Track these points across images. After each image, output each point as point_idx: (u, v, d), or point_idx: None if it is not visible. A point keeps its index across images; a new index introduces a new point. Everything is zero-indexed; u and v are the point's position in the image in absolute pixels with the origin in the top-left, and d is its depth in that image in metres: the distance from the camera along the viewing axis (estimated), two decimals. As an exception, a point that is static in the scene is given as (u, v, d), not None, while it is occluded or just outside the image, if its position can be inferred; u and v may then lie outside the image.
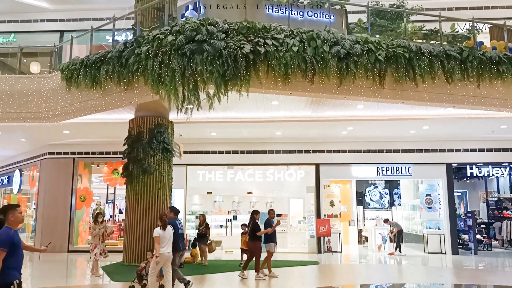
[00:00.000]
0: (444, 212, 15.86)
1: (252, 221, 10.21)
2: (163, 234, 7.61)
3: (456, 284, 10.22)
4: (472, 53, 10.07)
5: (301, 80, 9.31)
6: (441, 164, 15.89)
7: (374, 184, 21.55)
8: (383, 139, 15.67)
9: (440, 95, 10.27)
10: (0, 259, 4.41)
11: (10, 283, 4.48)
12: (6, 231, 4.57)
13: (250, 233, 10.16)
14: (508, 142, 15.50)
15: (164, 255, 7.54)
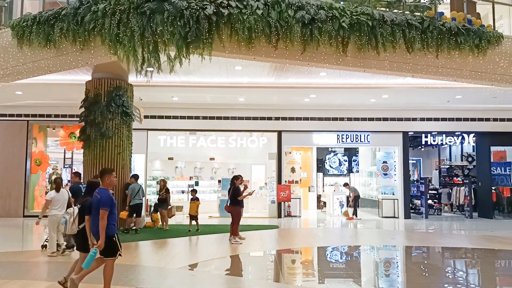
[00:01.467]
0: (399, 179, 16.53)
1: (232, 186, 10.41)
2: (57, 197, 8.17)
3: (407, 245, 10.78)
4: (432, 23, 10.22)
5: (265, 45, 9.17)
6: (398, 132, 16.43)
7: (334, 152, 22.08)
8: (344, 107, 15.94)
9: (400, 64, 10.44)
10: (105, 217, 5.08)
11: (112, 236, 5.19)
12: (106, 193, 5.21)
13: (231, 197, 10.35)
14: (461, 111, 16.17)
15: (57, 216, 7.94)
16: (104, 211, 5.10)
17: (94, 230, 5.28)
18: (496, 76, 11.39)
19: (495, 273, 8.32)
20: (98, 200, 5.19)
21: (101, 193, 5.23)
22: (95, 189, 5.45)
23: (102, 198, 5.17)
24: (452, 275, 7.99)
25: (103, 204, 5.12)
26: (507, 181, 16.56)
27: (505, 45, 11.43)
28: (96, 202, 5.23)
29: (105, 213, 5.10)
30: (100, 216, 5.09)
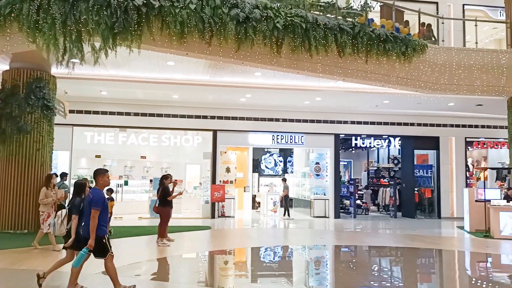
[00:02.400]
0: (330, 179, 16.98)
1: (161, 186, 10.00)
2: None
3: (336, 245, 11.04)
4: (363, 29, 10.55)
5: (198, 41, 8.93)
6: (330, 134, 16.88)
7: (270, 152, 22.26)
8: (279, 108, 16.07)
9: (332, 67, 10.67)
10: (96, 217, 5.11)
11: (102, 236, 5.23)
12: (99, 193, 5.25)
13: (160, 197, 9.90)
14: (388, 116, 16.95)
15: None
16: (96, 211, 5.15)
17: (86, 230, 5.30)
18: (420, 83, 12.01)
19: (416, 270, 8.72)
20: (91, 199, 5.23)
21: (93, 193, 5.28)
22: (82, 190, 5.86)
23: (94, 198, 5.21)
24: (377, 272, 8.25)
25: (95, 204, 5.16)
26: (429, 183, 17.61)
27: (428, 54, 12.10)
28: (88, 202, 5.28)
29: (96, 213, 5.15)
30: (92, 215, 5.14)
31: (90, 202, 5.22)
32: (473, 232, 12.83)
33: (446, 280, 7.96)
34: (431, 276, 8.35)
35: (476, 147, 18.39)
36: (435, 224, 15.44)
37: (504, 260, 9.82)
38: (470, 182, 17.73)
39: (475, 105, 14.45)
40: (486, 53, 12.92)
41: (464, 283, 7.67)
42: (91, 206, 5.18)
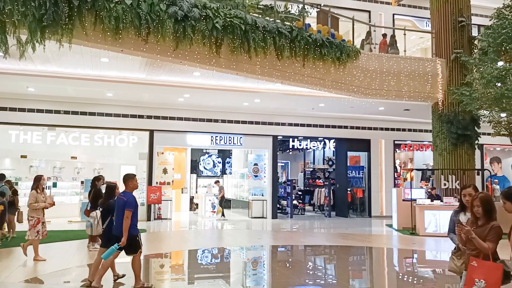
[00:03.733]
0: (268, 180, 17.20)
1: (93, 188, 9.48)
2: None
3: (273, 245, 11.18)
4: (300, 34, 10.81)
5: (134, 38, 8.65)
6: (269, 136, 17.09)
7: (209, 153, 22.10)
8: (218, 109, 16.00)
9: (271, 70, 10.82)
10: (129, 217, 5.65)
11: (135, 235, 5.85)
12: (131, 196, 5.82)
13: (92, 200, 9.37)
14: (324, 119, 17.50)
15: None
16: (129, 211, 5.68)
17: (118, 229, 5.78)
18: (353, 88, 12.54)
19: (349, 267, 9.06)
20: (124, 202, 5.75)
21: (126, 195, 5.82)
22: (114, 192, 6.48)
23: (128, 200, 5.75)
24: (312, 271, 8.47)
25: (129, 205, 5.70)
26: (360, 183, 18.42)
27: (361, 60, 12.66)
28: (122, 204, 5.77)
29: (129, 214, 5.68)
30: (125, 216, 5.66)
31: (124, 204, 5.74)
32: (400, 230, 13.59)
33: (376, 276, 8.35)
34: (362, 272, 8.72)
35: (404, 149, 19.52)
36: (366, 223, 16.17)
37: (428, 256, 10.49)
38: (398, 183, 18.78)
39: (403, 110, 15.33)
40: (413, 61, 13.78)
41: (392, 279, 8.08)
42: (124, 208, 5.71)
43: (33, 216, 8.05)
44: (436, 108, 14.06)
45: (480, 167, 17.39)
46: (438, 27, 14.07)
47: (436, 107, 14.03)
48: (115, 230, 5.86)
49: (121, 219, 5.72)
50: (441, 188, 13.50)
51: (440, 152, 13.75)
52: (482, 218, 3.76)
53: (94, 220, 6.77)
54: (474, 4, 14.75)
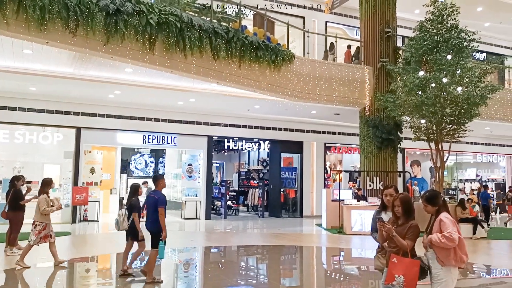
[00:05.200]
0: (202, 181, 17.06)
1: (12, 189, 8.85)
2: None
3: (206, 246, 11.11)
4: (237, 35, 10.86)
5: (61, 30, 8.18)
6: (204, 136, 16.96)
7: (140, 152, 21.46)
8: (151, 107, 15.58)
9: (207, 70, 10.75)
10: (163, 214, 6.31)
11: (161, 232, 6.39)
12: (162, 194, 6.46)
13: (10, 202, 8.65)
14: (259, 120, 17.70)
15: None
16: (162, 208, 6.34)
17: (148, 225, 6.50)
18: (287, 91, 12.83)
19: (280, 266, 9.24)
20: (156, 200, 6.40)
21: (157, 194, 6.50)
22: (137, 191, 7.21)
23: (160, 198, 6.41)
24: (244, 271, 8.52)
25: (161, 203, 6.36)
26: (293, 184, 18.87)
27: (296, 64, 12.99)
28: (153, 202, 6.42)
29: (163, 210, 6.34)
30: (160, 213, 6.32)
31: (156, 202, 6.38)
32: (329, 229, 14.12)
33: (306, 274, 8.60)
34: (293, 271, 8.94)
35: (333, 152, 20.32)
36: (298, 222, 16.60)
37: (354, 254, 11.01)
38: (328, 184, 19.49)
39: (333, 114, 15.96)
40: (343, 68, 14.40)
41: (321, 276, 8.37)
42: (156, 205, 6.35)
43: (42, 222, 7.68)
44: (363, 113, 14.79)
45: (401, 169, 18.56)
46: (366, 37, 14.82)
47: (364, 112, 14.76)
48: (149, 226, 6.54)
49: (152, 216, 6.43)
50: (366, 189, 14.22)
51: (366, 155, 14.49)
52: (402, 217, 4.01)
53: (120, 217, 7.21)
54: (400, 16, 15.72)
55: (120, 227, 7.23)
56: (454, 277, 3.87)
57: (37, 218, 7.68)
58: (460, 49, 12.33)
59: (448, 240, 3.72)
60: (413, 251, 3.90)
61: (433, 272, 3.87)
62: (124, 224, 7.17)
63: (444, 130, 12.66)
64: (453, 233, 3.72)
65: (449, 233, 3.72)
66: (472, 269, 8.68)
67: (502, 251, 11.30)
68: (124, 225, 7.18)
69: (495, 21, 19.87)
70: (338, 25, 18.90)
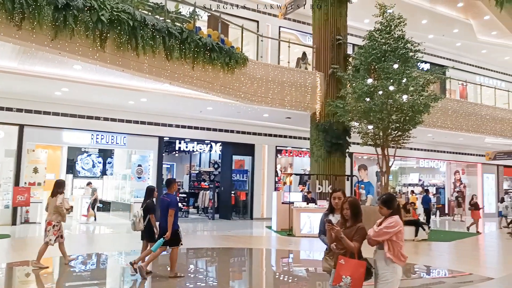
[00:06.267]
0: (152, 182, 16.70)
1: None
2: None
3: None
4: (191, 36, 10.78)
5: (5, 22, 7.77)
6: (155, 137, 16.66)
7: (88, 152, 20.73)
8: (101, 106, 15.10)
9: (159, 69, 10.59)
10: (173, 215, 6.97)
11: (177, 229, 7.16)
12: (174, 197, 7.22)
13: None
14: (211, 122, 17.64)
15: None
16: (173, 210, 6.90)
17: (164, 225, 7.02)
18: (240, 93, 12.90)
19: (229, 269, 9.25)
20: (168, 202, 6.95)
21: (169, 196, 7.07)
22: (153, 193, 7.68)
23: (172, 200, 6.99)
24: (194, 274, 8.44)
25: (173, 205, 6.95)
26: (244, 186, 18.95)
27: (249, 67, 13.09)
28: (166, 204, 6.95)
29: (173, 212, 6.90)
30: (170, 214, 6.85)
31: (168, 204, 6.94)
32: (279, 231, 14.31)
33: (255, 276, 8.67)
34: (242, 273, 8.98)
35: (284, 155, 20.63)
36: (248, 225, 16.69)
37: (303, 256, 11.23)
38: (278, 186, 19.76)
39: (285, 117, 16.21)
40: (296, 72, 14.68)
41: (270, 278, 8.48)
42: (168, 207, 6.90)
43: (59, 222, 8.05)
44: (314, 117, 15.15)
45: (349, 173, 19.17)
46: (318, 43, 15.20)
47: (314, 117, 15.12)
48: (164, 227, 7.01)
49: (165, 217, 6.94)
50: (316, 192, 14.56)
51: (316, 159, 14.84)
52: (350, 220, 4.17)
53: (136, 218, 7.48)
54: (350, 25, 16.28)
55: (137, 227, 7.56)
56: (398, 277, 4.07)
57: (54, 218, 7.96)
58: (406, 59, 12.96)
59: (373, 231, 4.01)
60: (359, 252, 4.05)
61: (380, 272, 4.04)
62: (140, 225, 7.50)
63: (390, 136, 13.23)
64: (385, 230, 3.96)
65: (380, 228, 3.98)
66: (413, 270, 9.13)
67: (441, 252, 11.97)
68: (140, 226, 7.51)
69: (439, 33, 21.07)
70: (292, 31, 19.26)
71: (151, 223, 7.43)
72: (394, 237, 4.01)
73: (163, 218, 7.01)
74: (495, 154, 22.82)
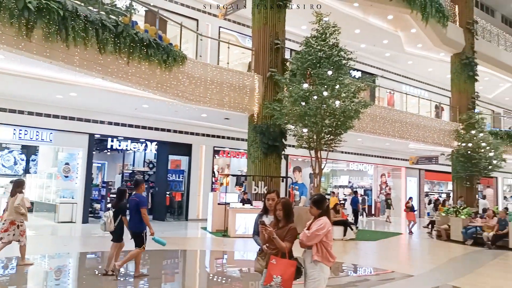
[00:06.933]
0: (81, 182, 15.91)
1: None
2: None
3: (82, 252, 10.37)
4: (126, 30, 10.39)
5: None
6: (85, 134, 15.85)
7: (9, 148, 19.31)
8: (25, 99, 14.10)
9: (91, 63, 10.10)
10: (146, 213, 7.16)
11: (144, 231, 7.30)
12: (143, 196, 7.39)
13: None
14: (147, 120, 17.14)
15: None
16: (144, 209, 7.07)
17: (131, 226, 7.24)
18: (178, 92, 12.67)
19: (162, 271, 9.02)
20: (137, 202, 7.10)
21: (138, 197, 7.19)
22: (124, 195, 7.63)
23: (141, 200, 7.15)
24: (123, 277, 8.13)
25: (142, 204, 7.11)
26: (180, 187, 18.63)
27: (188, 66, 12.91)
28: (135, 204, 7.10)
29: (145, 210, 7.08)
30: (143, 213, 7.03)
31: (137, 204, 7.10)
32: (214, 232, 14.23)
33: (188, 278, 8.54)
34: (175, 276, 8.80)
35: (222, 155, 20.58)
36: (183, 226, 16.42)
37: (237, 256, 11.25)
38: (215, 187, 19.67)
39: (223, 118, 16.19)
40: (235, 74, 14.71)
41: (203, 280, 8.39)
42: (137, 208, 7.08)
43: (23, 222, 8.13)
44: (252, 119, 15.27)
45: (285, 175, 19.56)
46: (257, 46, 15.36)
47: (252, 118, 15.25)
48: (132, 227, 7.25)
49: (134, 218, 7.14)
50: (252, 193, 14.68)
51: (253, 160, 14.97)
52: (282, 220, 4.23)
53: (107, 219, 7.49)
54: (288, 30, 16.62)
55: (107, 228, 7.59)
56: (326, 276, 4.20)
57: (17, 217, 8.03)
58: (340, 66, 13.48)
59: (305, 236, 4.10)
60: (290, 252, 4.13)
61: (308, 271, 4.15)
62: (111, 226, 7.55)
63: (323, 139, 13.69)
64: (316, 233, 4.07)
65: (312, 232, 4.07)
66: (341, 268, 9.50)
67: (368, 251, 12.57)
68: (111, 227, 7.55)
69: (370, 43, 22.17)
70: (232, 32, 19.30)
71: (121, 224, 7.54)
72: (324, 237, 4.14)
73: (133, 219, 7.20)
74: (418, 159, 24.48)
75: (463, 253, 12.39)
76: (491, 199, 31.13)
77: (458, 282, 8.18)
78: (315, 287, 4.11)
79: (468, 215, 15.02)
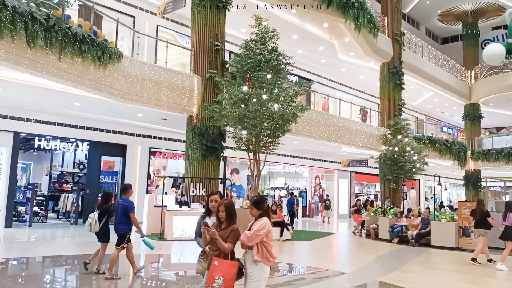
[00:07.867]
0: (4, 184, 14.79)
1: None
2: None
3: (4, 258, 9.63)
4: (58, 24, 9.84)
5: None
6: (9, 132, 14.78)
7: None
8: None
9: (19, 57, 9.46)
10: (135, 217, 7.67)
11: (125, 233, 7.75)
12: (131, 201, 7.80)
13: None
14: (78, 119, 16.34)
15: None
16: (133, 213, 7.64)
17: (117, 228, 7.73)
18: (113, 90, 12.23)
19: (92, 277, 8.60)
20: (125, 206, 7.66)
21: (126, 201, 7.76)
22: (110, 198, 8.24)
23: (129, 205, 7.70)
24: (50, 284, 7.69)
25: (131, 208, 7.66)
26: (113, 189, 17.94)
27: (124, 64, 12.50)
28: (123, 208, 7.65)
29: (133, 214, 7.64)
30: (133, 217, 7.65)
31: (126, 208, 7.58)
32: (149, 235, 13.85)
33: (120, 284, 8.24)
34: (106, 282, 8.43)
35: (158, 157, 20.12)
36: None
37: (173, 259, 11.05)
38: (151, 189, 19.19)
39: (160, 118, 15.86)
40: (174, 74, 14.47)
41: (136, 285, 8.15)
42: (124, 211, 7.57)
43: None
44: (190, 120, 15.11)
45: (223, 176, 19.55)
46: (197, 46, 15.23)
47: (191, 119, 15.08)
48: (118, 229, 7.67)
49: (123, 220, 7.60)
50: (189, 195, 14.51)
51: (191, 162, 14.81)
52: (225, 221, 4.25)
53: (93, 220, 7.83)
54: (228, 32, 16.65)
55: (92, 229, 7.88)
56: (266, 275, 4.27)
57: None
58: (278, 70, 13.77)
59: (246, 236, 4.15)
60: (233, 253, 4.15)
61: (249, 271, 4.20)
62: (96, 227, 7.87)
63: (262, 142, 13.88)
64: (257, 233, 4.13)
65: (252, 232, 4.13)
66: (278, 268, 9.68)
67: (303, 251, 12.93)
68: (96, 228, 7.87)
69: (306, 50, 22.86)
70: (170, 31, 18.98)
71: (106, 226, 7.94)
72: (265, 237, 4.22)
73: (119, 221, 7.61)
74: (349, 161, 25.63)
75: (390, 250, 13.15)
76: (414, 200, 33.39)
77: (386, 278, 8.68)
78: (256, 287, 4.17)
79: (394, 215, 15.99)
